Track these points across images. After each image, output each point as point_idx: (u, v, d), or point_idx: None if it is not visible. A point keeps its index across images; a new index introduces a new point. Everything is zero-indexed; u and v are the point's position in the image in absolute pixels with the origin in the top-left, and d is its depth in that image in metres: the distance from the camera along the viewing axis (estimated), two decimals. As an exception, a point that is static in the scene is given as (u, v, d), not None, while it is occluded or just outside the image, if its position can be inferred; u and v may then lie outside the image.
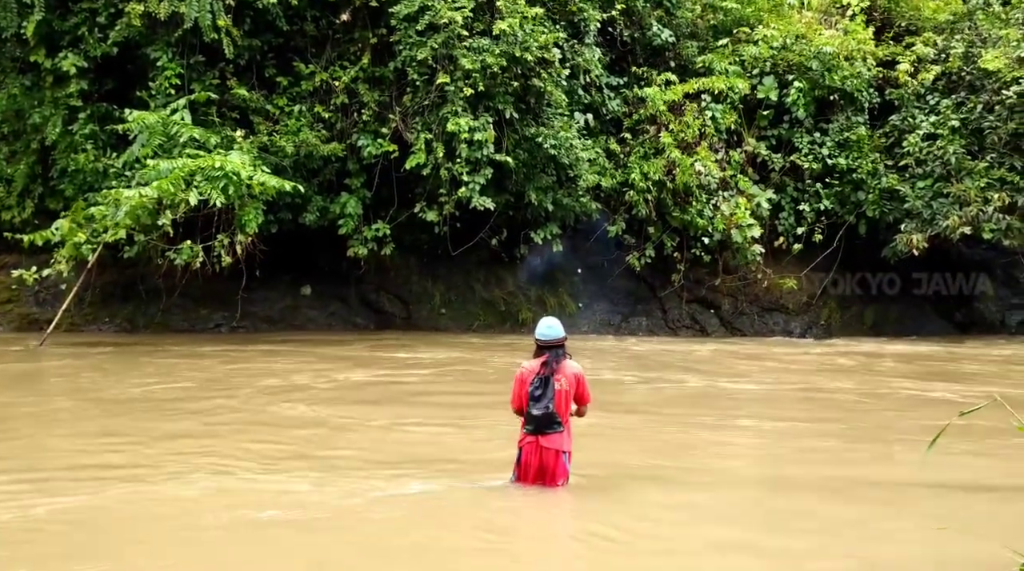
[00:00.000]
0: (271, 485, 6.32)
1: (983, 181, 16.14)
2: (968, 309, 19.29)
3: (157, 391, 9.99)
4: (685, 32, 17.95)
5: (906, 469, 7.16)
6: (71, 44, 14.15)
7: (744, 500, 6.38)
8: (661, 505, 6.12)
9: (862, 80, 17.28)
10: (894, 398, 10.73)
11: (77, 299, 14.41)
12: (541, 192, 15.37)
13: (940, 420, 3.70)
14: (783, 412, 9.98)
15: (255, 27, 14.44)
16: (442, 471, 6.76)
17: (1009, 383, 11.80)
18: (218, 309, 15.75)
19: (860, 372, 12.84)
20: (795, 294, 17.50)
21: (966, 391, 10.81)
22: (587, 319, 17.43)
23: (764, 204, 16.88)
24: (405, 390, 10.44)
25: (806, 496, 6.43)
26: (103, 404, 9.28)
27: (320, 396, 9.95)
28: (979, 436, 7.81)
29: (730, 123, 16.96)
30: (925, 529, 5.56)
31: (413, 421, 8.74)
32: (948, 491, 6.51)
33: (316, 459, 7.14)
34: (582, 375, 6.07)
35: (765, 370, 12.94)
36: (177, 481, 6.36)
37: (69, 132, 14.24)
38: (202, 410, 9.08)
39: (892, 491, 6.58)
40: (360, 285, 16.76)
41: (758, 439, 8.49)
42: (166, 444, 7.53)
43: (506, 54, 14.06)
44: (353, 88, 14.71)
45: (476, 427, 8.49)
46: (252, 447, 7.44)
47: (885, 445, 8.20)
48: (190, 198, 12.53)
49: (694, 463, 7.39)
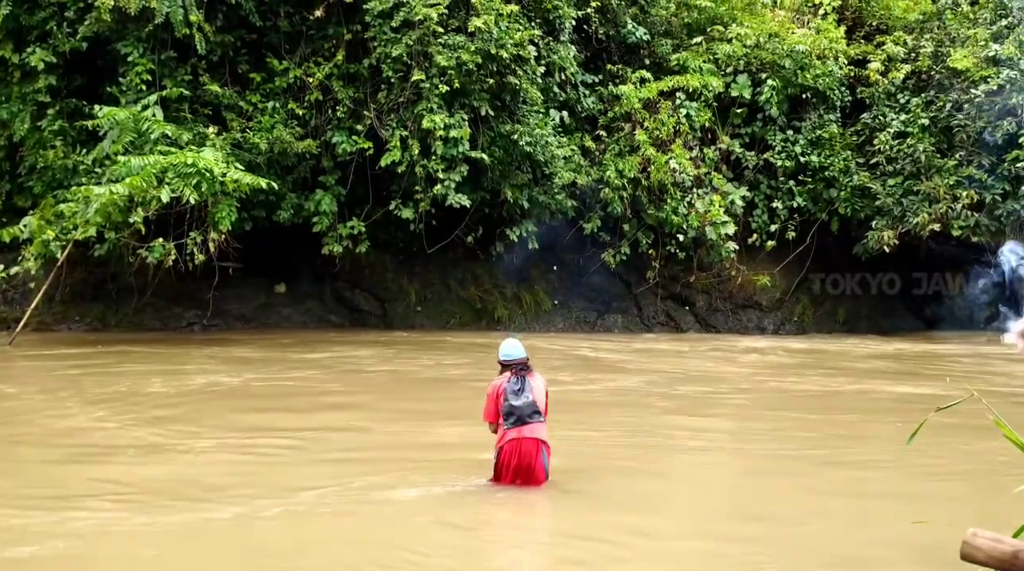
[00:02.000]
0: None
1: (952, 179, 16.40)
2: (938, 305, 19.59)
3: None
4: (659, 30, 18.04)
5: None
6: (39, 39, 13.93)
7: (720, 499, 6.43)
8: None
9: (834, 78, 17.47)
10: (871, 397, 10.86)
11: (47, 298, 14.20)
12: (517, 189, 15.38)
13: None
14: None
15: (228, 22, 14.30)
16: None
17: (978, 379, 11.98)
18: (191, 308, 15.60)
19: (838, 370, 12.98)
20: (768, 291, 17.67)
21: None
22: (563, 316, 17.49)
23: (738, 201, 17.02)
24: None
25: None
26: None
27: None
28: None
29: (704, 121, 17.07)
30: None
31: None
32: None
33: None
34: (546, 388, 6.26)
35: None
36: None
37: (38, 128, 14.02)
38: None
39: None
40: (335, 283, 16.68)
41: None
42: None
43: (481, 51, 14.05)
44: (327, 85, 14.62)
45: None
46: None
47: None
48: (162, 195, 12.39)
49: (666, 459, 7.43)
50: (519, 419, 5.98)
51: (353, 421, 8.67)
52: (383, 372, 11.75)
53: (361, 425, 8.45)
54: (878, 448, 7.79)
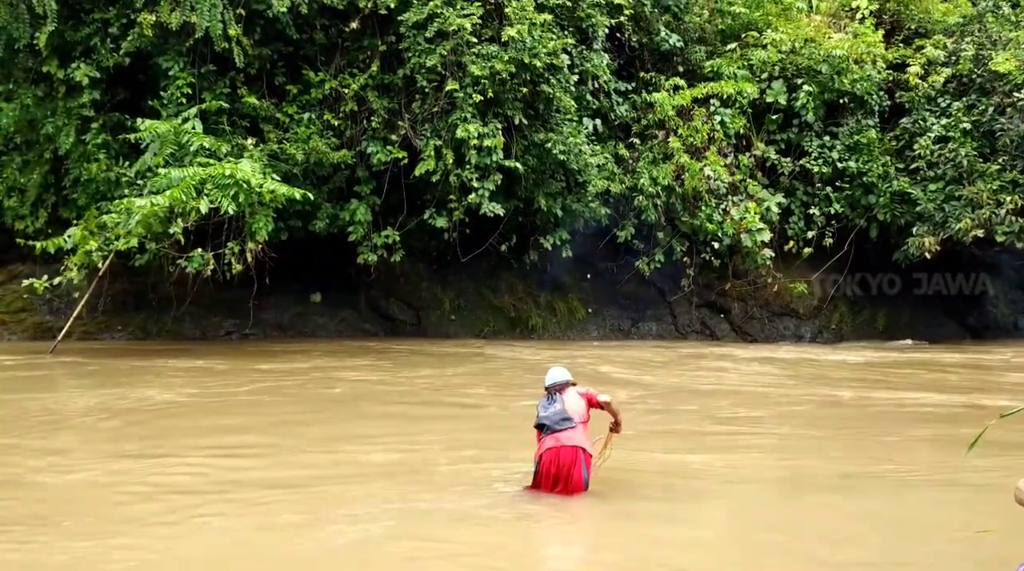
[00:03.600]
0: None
1: (995, 183, 16.06)
2: (980, 312, 19.18)
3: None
4: (693, 37, 17.95)
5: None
6: (83, 54, 14.26)
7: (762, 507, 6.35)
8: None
9: (872, 83, 17.24)
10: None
11: (89, 307, 14.49)
12: (550, 198, 15.38)
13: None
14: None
15: (265, 36, 14.52)
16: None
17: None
18: (229, 317, 15.82)
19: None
20: (805, 298, 17.44)
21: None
22: (596, 325, 17.42)
23: (774, 208, 16.84)
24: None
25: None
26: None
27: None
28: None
29: (739, 127, 16.94)
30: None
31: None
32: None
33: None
34: (585, 390, 6.42)
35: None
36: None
37: (82, 142, 14.34)
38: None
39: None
40: (370, 292, 16.80)
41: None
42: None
43: (515, 60, 14.10)
44: (362, 95, 14.77)
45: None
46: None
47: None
48: (201, 206, 12.58)
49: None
50: (549, 428, 6.06)
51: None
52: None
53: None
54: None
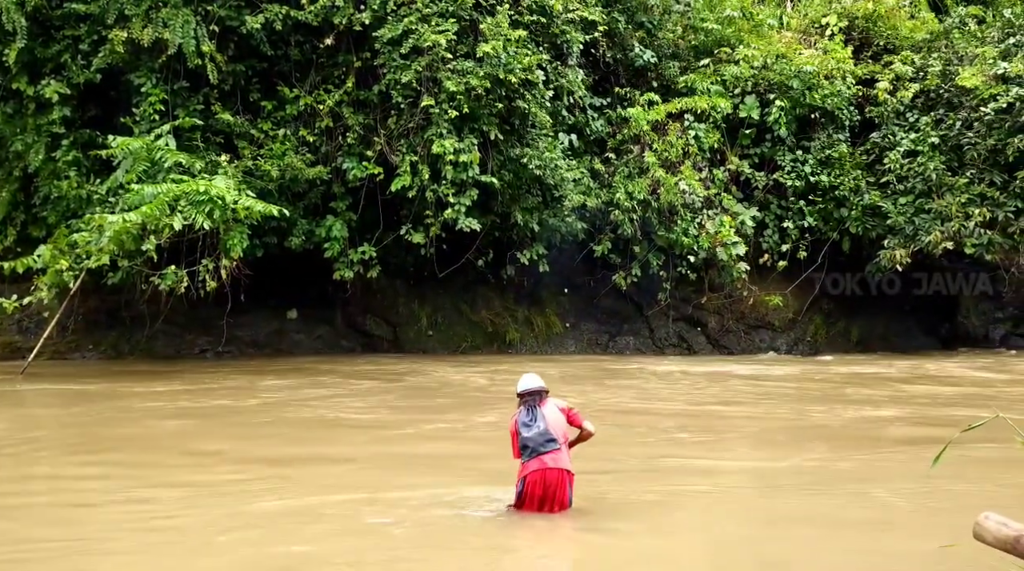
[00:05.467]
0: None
1: (964, 197, 16.32)
2: (951, 324, 19.45)
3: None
4: (667, 53, 18.14)
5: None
6: (54, 71, 14.12)
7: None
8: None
9: (842, 98, 17.49)
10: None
11: (60, 327, 14.27)
12: (527, 213, 15.41)
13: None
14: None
15: (239, 52, 14.47)
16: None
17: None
18: (203, 334, 15.64)
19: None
20: (781, 311, 17.58)
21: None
22: (574, 339, 17.43)
23: (748, 222, 16.99)
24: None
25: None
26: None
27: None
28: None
29: (713, 142, 17.10)
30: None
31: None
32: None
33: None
34: (567, 406, 6.25)
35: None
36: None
37: (52, 159, 14.17)
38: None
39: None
40: (347, 308, 16.69)
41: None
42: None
43: (490, 76, 14.15)
44: (338, 111, 14.74)
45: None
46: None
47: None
48: (175, 223, 12.46)
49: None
50: (533, 451, 5.92)
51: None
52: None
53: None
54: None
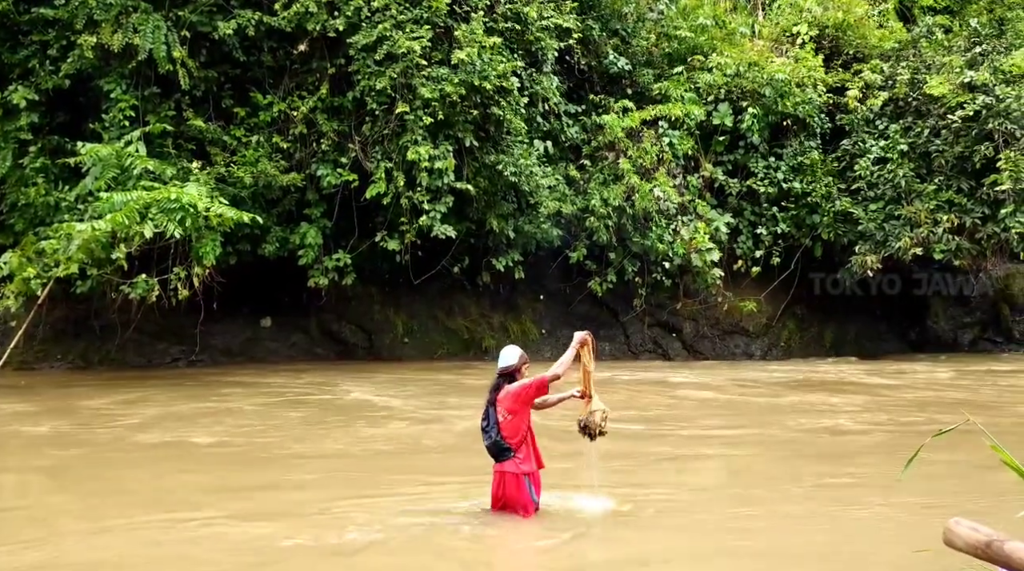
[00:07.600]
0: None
1: (932, 203, 16.57)
2: (922, 328, 19.73)
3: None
4: (641, 60, 18.24)
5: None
6: (21, 76, 13.89)
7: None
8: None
9: (813, 106, 17.70)
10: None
11: (27, 336, 14.00)
12: (502, 219, 15.40)
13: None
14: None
15: (211, 58, 14.32)
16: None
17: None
18: (175, 343, 15.43)
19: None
20: (755, 316, 17.72)
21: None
22: (550, 345, 17.41)
23: (722, 228, 17.12)
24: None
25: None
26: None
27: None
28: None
29: (687, 149, 17.22)
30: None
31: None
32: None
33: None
34: (515, 387, 5.99)
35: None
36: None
37: (19, 166, 13.90)
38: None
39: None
40: (321, 316, 16.57)
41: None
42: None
43: (465, 83, 14.13)
44: (312, 118, 14.63)
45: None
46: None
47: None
48: (145, 231, 12.26)
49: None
50: (492, 457, 6.05)
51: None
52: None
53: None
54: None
